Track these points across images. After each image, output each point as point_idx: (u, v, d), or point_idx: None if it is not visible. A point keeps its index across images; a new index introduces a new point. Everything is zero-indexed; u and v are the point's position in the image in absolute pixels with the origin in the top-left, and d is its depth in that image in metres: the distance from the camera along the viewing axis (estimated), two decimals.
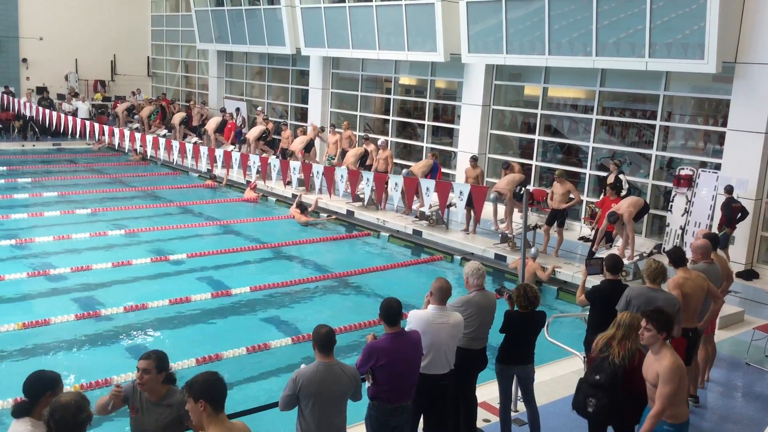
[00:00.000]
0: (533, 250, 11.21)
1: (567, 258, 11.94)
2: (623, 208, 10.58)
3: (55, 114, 20.81)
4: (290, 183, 16.80)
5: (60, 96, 25.70)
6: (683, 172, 12.02)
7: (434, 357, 5.32)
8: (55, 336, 8.54)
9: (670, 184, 12.43)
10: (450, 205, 13.36)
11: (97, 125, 19.46)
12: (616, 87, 13.64)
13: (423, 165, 14.62)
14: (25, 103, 22.51)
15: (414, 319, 5.36)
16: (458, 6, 14.74)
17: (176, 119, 21.88)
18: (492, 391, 6.56)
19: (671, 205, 12.11)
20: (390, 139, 18.09)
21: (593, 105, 13.83)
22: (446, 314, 5.39)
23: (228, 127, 20.96)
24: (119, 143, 18.22)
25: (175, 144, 17.42)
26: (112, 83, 27.78)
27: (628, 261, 10.53)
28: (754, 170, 11.17)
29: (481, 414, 6.31)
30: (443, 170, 15.96)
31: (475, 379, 6.05)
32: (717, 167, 11.80)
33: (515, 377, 6.05)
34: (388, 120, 18.48)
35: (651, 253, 11.13)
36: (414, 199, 14.12)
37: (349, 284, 11.18)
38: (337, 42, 18.05)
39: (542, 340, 6.28)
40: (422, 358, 5.20)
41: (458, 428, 5.90)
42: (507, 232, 12.42)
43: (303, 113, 21.33)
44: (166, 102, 25.53)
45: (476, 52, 14.77)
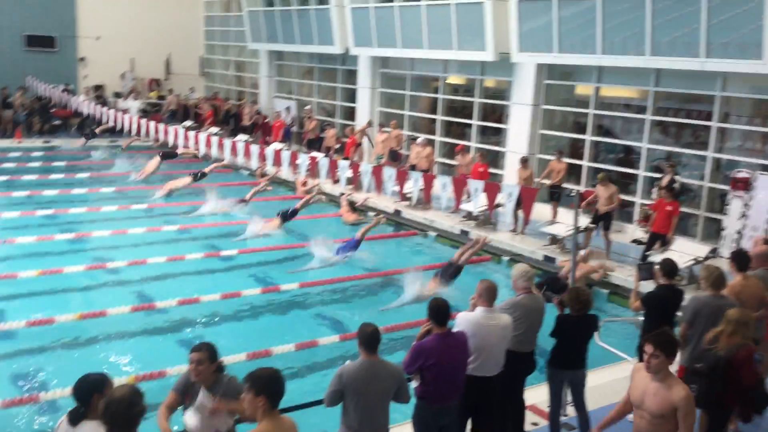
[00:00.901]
0: (583, 252, 11.06)
1: (619, 261, 11.73)
2: None
3: (111, 112, 21.37)
4: (338, 181, 16.80)
5: (117, 94, 26.45)
6: (740, 175, 11.67)
7: (484, 359, 5.31)
8: (112, 327, 8.83)
9: (727, 187, 12.09)
10: (498, 206, 13.26)
11: (152, 123, 19.77)
12: (671, 87, 13.30)
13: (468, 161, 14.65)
14: (83, 101, 23.21)
15: (462, 322, 5.36)
16: (508, 4, 14.61)
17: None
18: (540, 394, 6.50)
19: (726, 209, 11.79)
20: (437, 139, 18.07)
21: (647, 105, 13.54)
22: (495, 316, 5.38)
23: (276, 125, 21.21)
24: (174, 141, 18.54)
25: (227, 143, 17.64)
26: (166, 83, 28.43)
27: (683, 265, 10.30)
28: None
29: (530, 417, 6.26)
30: (492, 170, 15.83)
31: (523, 383, 6.02)
32: None
33: (566, 382, 5.99)
34: (435, 120, 18.45)
35: (706, 258, 10.84)
36: (462, 199, 14.06)
37: (396, 283, 11.21)
38: (386, 41, 18.10)
39: (593, 344, 6.20)
40: (471, 360, 5.20)
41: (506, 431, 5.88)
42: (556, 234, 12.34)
43: (351, 112, 21.47)
44: (219, 101, 26.01)
45: (526, 51, 14.61)
